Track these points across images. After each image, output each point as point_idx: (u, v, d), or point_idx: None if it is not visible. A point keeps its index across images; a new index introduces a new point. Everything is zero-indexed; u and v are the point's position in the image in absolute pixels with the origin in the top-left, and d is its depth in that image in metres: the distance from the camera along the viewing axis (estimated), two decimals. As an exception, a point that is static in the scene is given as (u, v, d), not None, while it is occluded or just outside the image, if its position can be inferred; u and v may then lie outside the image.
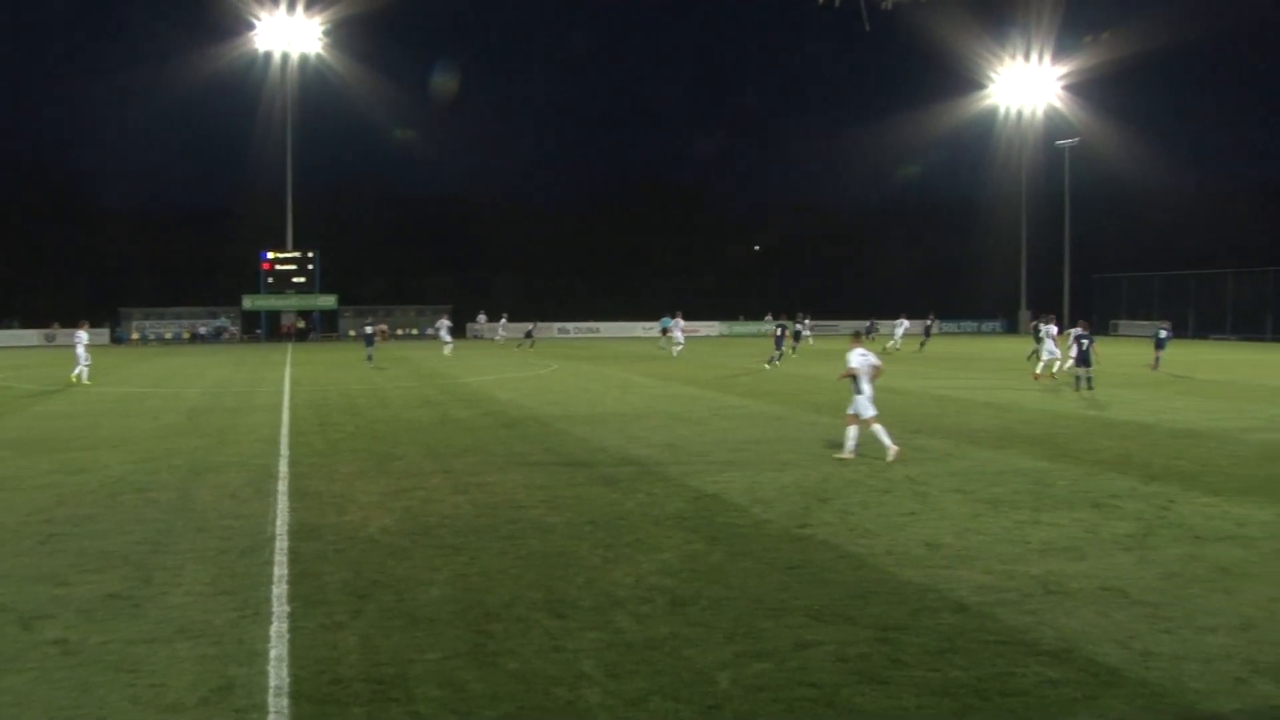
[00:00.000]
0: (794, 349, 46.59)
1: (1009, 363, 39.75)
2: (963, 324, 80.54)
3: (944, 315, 79.38)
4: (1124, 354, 43.83)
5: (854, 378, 15.24)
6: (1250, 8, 79.33)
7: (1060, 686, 6.36)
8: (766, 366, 36.76)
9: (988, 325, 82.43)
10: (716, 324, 76.01)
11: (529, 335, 56.14)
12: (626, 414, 21.56)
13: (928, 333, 54.25)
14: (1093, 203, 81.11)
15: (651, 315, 68.41)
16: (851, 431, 15.38)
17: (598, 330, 74.05)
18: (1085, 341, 26.63)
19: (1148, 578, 8.71)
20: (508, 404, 23.92)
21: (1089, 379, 26.29)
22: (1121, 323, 71.69)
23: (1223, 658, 6.83)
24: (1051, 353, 30.59)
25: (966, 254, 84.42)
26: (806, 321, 53.80)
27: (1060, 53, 74.25)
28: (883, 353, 38.25)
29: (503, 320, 59.99)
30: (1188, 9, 73.60)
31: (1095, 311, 75.77)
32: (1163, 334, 35.90)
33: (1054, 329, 31.62)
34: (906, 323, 51.14)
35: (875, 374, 15.35)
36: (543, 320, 66.96)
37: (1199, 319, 67.93)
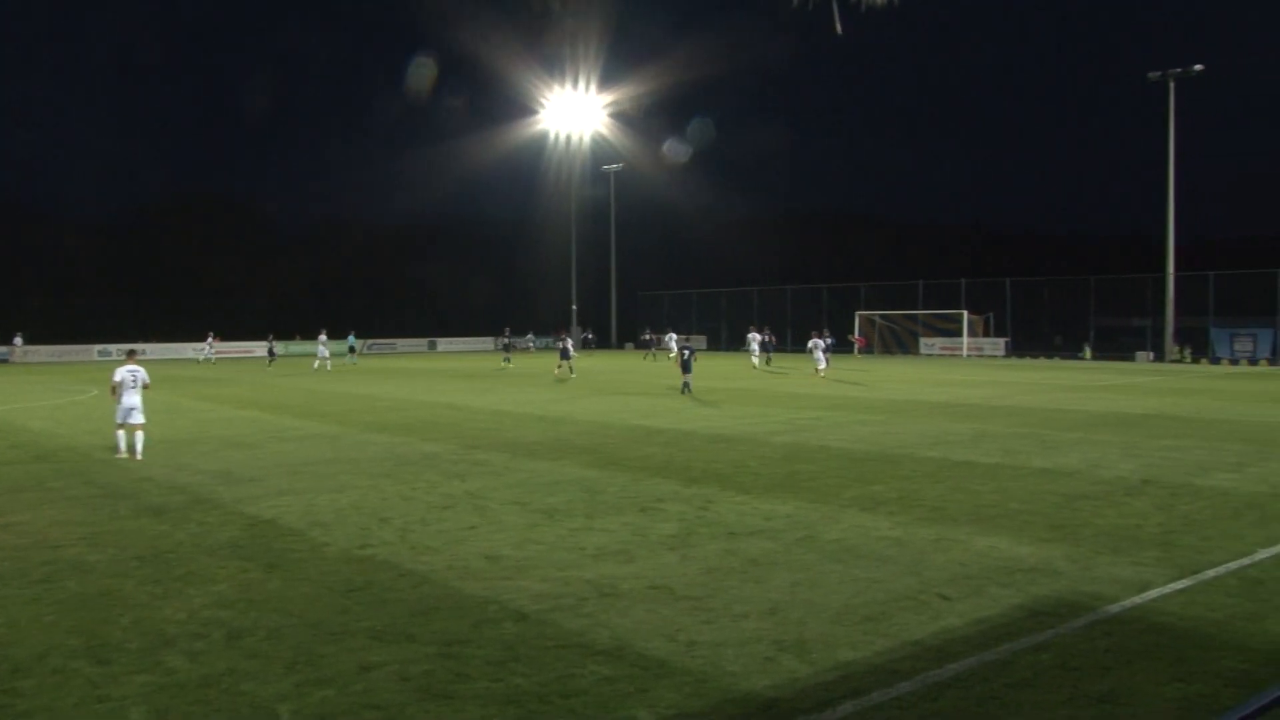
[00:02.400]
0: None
1: (570, 378, 41.43)
2: (517, 340, 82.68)
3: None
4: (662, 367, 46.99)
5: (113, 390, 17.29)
6: (781, 45, 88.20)
7: (616, 683, 6.69)
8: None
9: (542, 341, 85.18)
10: (280, 343, 72.84)
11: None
12: (175, 440, 20.21)
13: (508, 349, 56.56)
14: (637, 224, 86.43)
15: (197, 335, 64.58)
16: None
17: (145, 352, 68.56)
18: (686, 352, 31.39)
19: (690, 574, 9.36)
20: (40, 434, 21.68)
21: (688, 384, 30.77)
22: (659, 336, 76.77)
23: (755, 640, 7.48)
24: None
25: (522, 273, 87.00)
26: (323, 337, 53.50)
27: (606, 81, 78.47)
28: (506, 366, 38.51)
29: (16, 340, 54.65)
30: (724, 43, 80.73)
31: (639, 326, 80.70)
32: (825, 344, 41.30)
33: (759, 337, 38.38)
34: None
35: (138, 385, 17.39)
36: (84, 343, 61.32)
37: (730, 332, 74.25)
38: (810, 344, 41.74)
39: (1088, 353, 57.77)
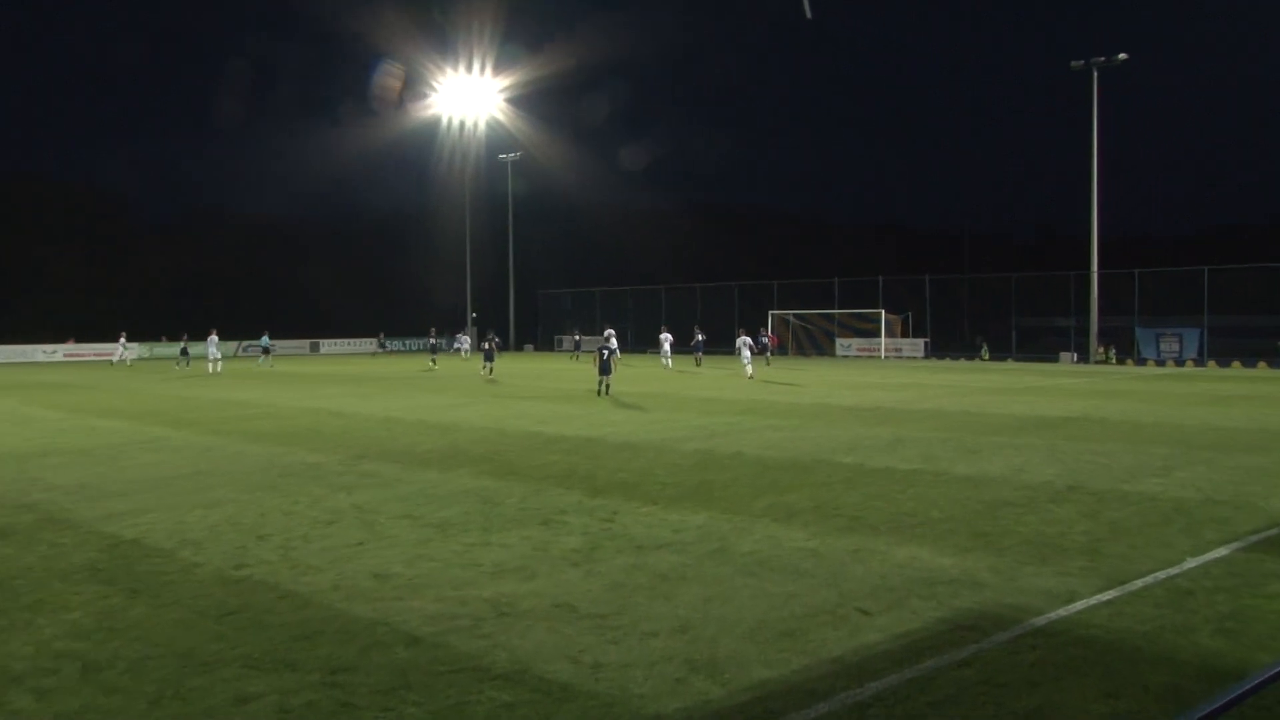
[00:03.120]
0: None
1: (463, 380, 41.15)
2: (409, 342, 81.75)
3: (393, 333, 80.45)
4: (543, 367, 46.90)
5: None
6: (691, 31, 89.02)
7: (515, 709, 6.62)
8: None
9: (433, 342, 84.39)
10: (136, 345, 71.07)
11: None
12: (23, 452, 19.56)
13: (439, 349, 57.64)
14: (537, 217, 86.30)
15: (42, 336, 62.77)
16: None
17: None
18: (605, 352, 32.61)
19: (595, 590, 9.33)
20: None
21: (608, 386, 32.11)
22: (566, 338, 76.64)
23: (664, 660, 7.48)
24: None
25: (411, 270, 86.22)
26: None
27: (501, 64, 78.12)
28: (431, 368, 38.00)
29: None
30: (631, 26, 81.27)
31: (541, 325, 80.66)
32: (754, 344, 43.62)
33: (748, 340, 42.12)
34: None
35: None
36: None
37: (638, 331, 74.49)
38: (738, 344, 42.99)
39: (985, 353, 59.53)
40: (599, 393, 32.12)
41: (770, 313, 67.19)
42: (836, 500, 13.71)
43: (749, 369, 41.69)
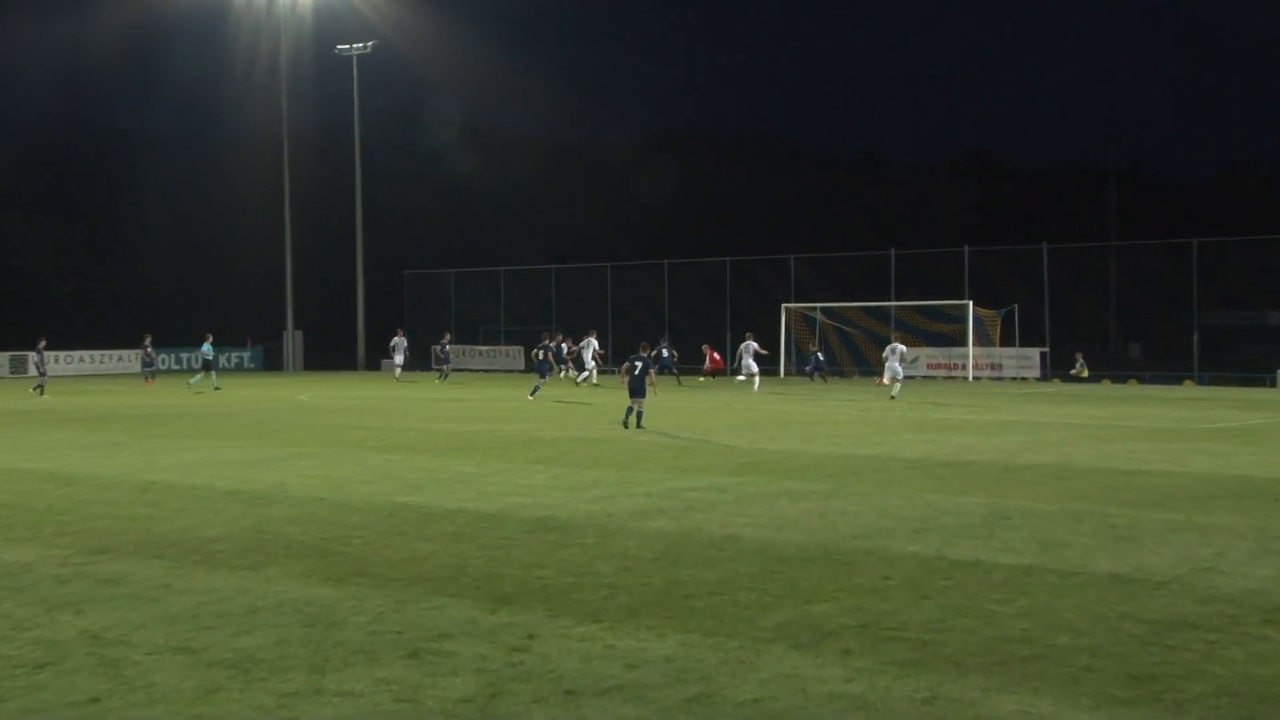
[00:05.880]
0: None
1: (280, 416, 40.87)
2: (185, 356, 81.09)
3: (163, 344, 80.00)
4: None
5: None
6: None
7: None
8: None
9: (237, 357, 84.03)
10: None
11: None
12: None
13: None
14: (398, 150, 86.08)
15: None
16: None
17: None
18: (639, 364, 36.00)
19: (496, 773, 9.18)
20: None
21: (639, 414, 35.63)
22: (481, 349, 76.76)
23: None
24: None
25: (190, 236, 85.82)
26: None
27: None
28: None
29: None
30: None
31: (408, 321, 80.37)
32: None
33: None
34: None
35: None
36: None
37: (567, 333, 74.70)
38: (740, 350, 44.70)
39: (1082, 367, 59.39)
40: (625, 424, 35.60)
41: (785, 306, 67.31)
42: (896, 615, 13.58)
43: (756, 383, 42.54)
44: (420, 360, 74.50)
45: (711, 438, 33.41)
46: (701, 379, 60.94)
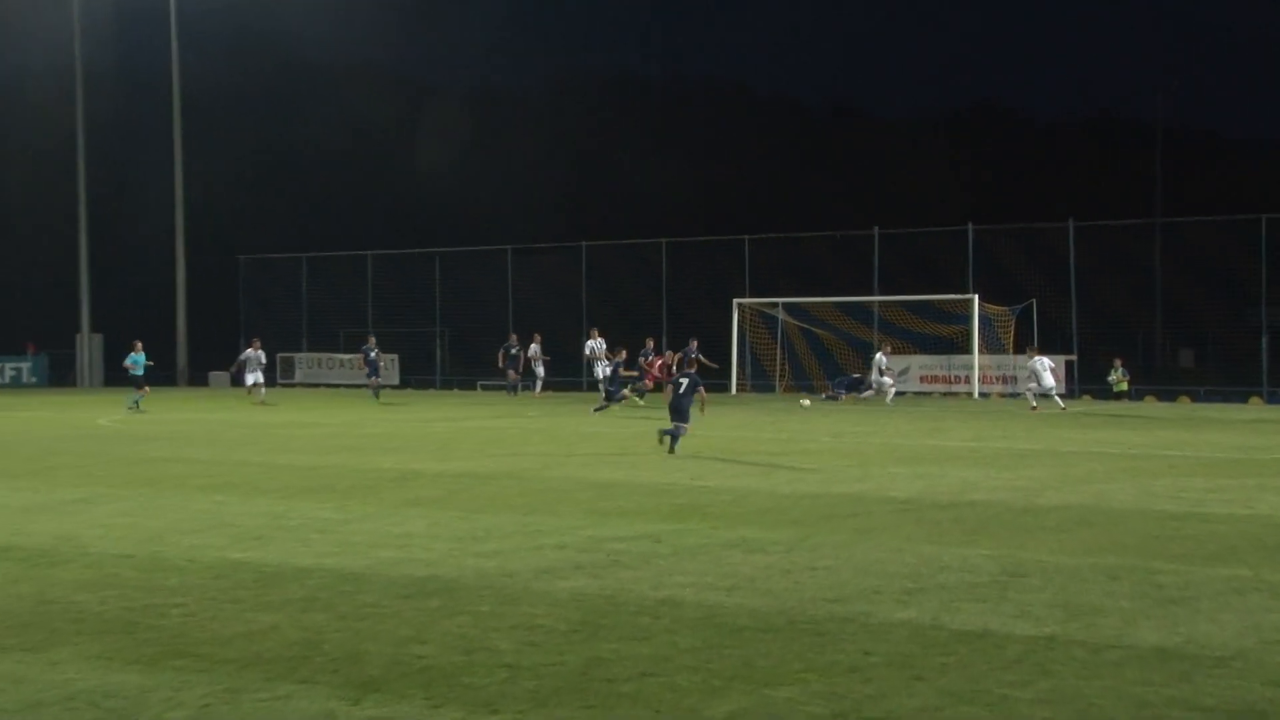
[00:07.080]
0: None
1: (75, 444, 40.64)
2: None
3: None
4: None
5: None
6: None
7: None
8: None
9: (13, 369, 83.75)
10: None
11: None
12: None
13: None
14: (234, 98, 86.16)
15: None
16: None
17: None
18: (684, 382, 38.77)
19: None
20: None
21: (675, 435, 37.86)
22: (343, 358, 76.84)
23: None
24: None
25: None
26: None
27: None
28: None
29: None
30: None
31: (245, 316, 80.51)
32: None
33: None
34: None
35: None
36: None
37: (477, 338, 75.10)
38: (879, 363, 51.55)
39: (1120, 377, 59.92)
40: (661, 442, 38.41)
41: (737, 301, 67.54)
42: (881, 702, 13.30)
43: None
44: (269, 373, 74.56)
45: (641, 472, 33.34)
46: (638, 397, 60.33)
